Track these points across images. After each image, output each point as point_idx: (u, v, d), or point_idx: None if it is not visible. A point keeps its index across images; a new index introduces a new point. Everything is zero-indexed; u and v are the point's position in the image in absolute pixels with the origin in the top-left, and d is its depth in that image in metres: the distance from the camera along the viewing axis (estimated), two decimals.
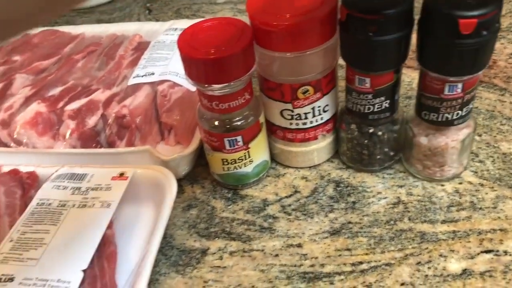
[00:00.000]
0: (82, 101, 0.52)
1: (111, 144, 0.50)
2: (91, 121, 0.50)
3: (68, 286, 0.36)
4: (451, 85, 0.39)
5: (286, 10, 0.40)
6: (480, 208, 0.44)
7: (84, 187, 0.44)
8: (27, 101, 0.53)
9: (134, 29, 0.66)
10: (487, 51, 0.36)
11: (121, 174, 0.45)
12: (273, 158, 0.51)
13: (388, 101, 0.42)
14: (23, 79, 0.58)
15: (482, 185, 0.46)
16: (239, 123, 0.44)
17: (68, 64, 0.58)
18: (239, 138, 0.44)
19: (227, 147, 0.45)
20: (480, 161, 0.48)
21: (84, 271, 0.37)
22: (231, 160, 0.46)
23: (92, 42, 0.64)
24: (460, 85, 0.39)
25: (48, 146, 0.51)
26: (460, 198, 0.45)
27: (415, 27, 0.39)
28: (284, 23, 0.39)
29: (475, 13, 0.34)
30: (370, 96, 0.42)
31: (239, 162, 0.46)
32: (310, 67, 0.42)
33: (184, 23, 0.64)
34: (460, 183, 0.46)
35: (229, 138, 0.44)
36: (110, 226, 0.41)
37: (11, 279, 0.36)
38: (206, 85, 0.41)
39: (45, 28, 0.69)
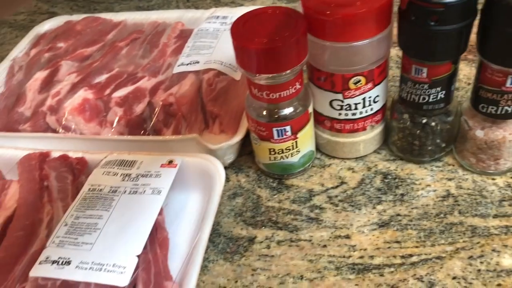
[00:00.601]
0: (129, 88, 0.52)
1: (157, 132, 0.51)
2: (138, 108, 0.51)
3: (123, 271, 0.36)
4: None
5: None
6: None
7: (134, 174, 0.44)
8: (74, 87, 0.54)
9: (176, 16, 0.66)
10: None
11: (170, 162, 0.45)
12: (319, 148, 0.51)
13: (444, 91, 0.42)
14: (69, 66, 0.58)
15: None
16: (288, 112, 0.44)
17: (112, 51, 0.59)
18: (287, 128, 0.44)
19: (275, 136, 0.45)
20: None
21: (138, 256, 0.37)
22: (278, 150, 0.46)
23: (134, 29, 0.64)
24: None
25: (95, 132, 0.51)
26: None
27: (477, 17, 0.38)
28: (340, 12, 0.38)
29: None
30: (426, 86, 0.41)
31: (286, 152, 0.46)
32: (364, 57, 0.41)
33: (226, 11, 0.64)
34: None
35: (278, 128, 0.44)
36: (161, 212, 0.42)
37: (68, 262, 0.37)
38: (257, 75, 0.41)
39: (87, 15, 0.70)
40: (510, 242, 0.40)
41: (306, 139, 0.47)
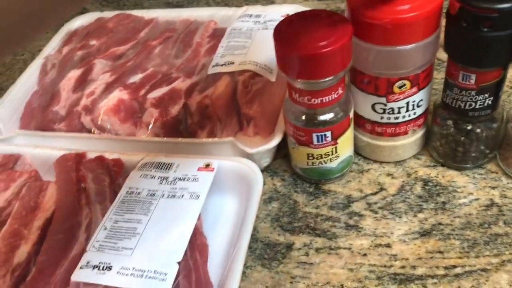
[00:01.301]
0: (164, 89, 0.52)
1: (192, 134, 0.50)
2: (174, 110, 0.50)
3: (164, 278, 0.36)
4: None
5: (388, 1, 0.38)
6: None
7: (171, 177, 0.44)
8: (109, 87, 0.54)
9: (208, 14, 0.65)
10: None
11: (207, 165, 0.45)
12: (357, 150, 0.50)
13: (491, 98, 0.40)
14: (102, 65, 0.58)
15: None
16: (329, 118, 0.43)
17: (145, 50, 0.59)
18: (328, 133, 0.43)
19: (315, 142, 0.44)
20: None
21: (179, 263, 0.37)
22: (317, 155, 0.45)
23: (166, 27, 0.64)
24: None
25: (130, 133, 0.51)
26: None
27: None
28: (388, 16, 0.37)
29: None
30: (473, 93, 0.40)
31: (325, 157, 0.45)
32: (411, 61, 0.40)
33: (259, 9, 0.63)
34: None
35: (318, 134, 0.43)
36: (198, 218, 0.41)
37: (109, 268, 0.37)
38: (298, 80, 0.40)
39: (118, 11, 0.69)
40: None
41: (346, 144, 0.46)
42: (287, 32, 0.39)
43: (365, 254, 0.42)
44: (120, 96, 0.52)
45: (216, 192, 0.45)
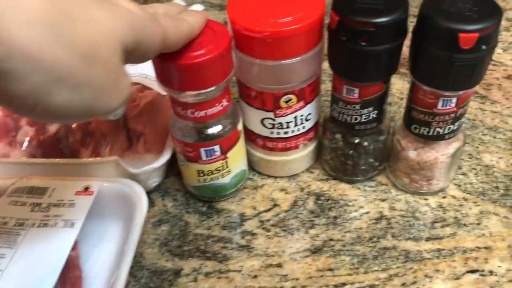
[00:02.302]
0: None
1: (74, 152, 0.46)
2: (52, 127, 0.46)
3: None
4: (445, 99, 0.37)
5: (270, 14, 0.37)
6: (464, 225, 0.42)
7: (45, 203, 0.40)
8: None
9: None
10: (484, 66, 0.35)
11: (86, 188, 0.41)
12: (251, 166, 0.48)
13: (376, 111, 0.40)
14: None
15: (465, 199, 0.44)
16: (216, 131, 0.41)
17: None
18: (216, 147, 0.41)
19: (204, 157, 0.42)
20: (463, 174, 0.47)
21: None
22: (207, 171, 0.43)
23: None
24: (454, 100, 0.37)
25: (3, 154, 0.46)
26: (444, 213, 0.43)
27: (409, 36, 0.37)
28: (268, 29, 0.36)
29: (476, 27, 0.32)
30: (358, 107, 0.40)
31: (216, 173, 0.43)
32: (294, 75, 0.39)
33: None
34: (444, 197, 0.45)
35: (206, 148, 0.41)
36: (74, 247, 0.38)
37: None
38: (179, 92, 0.37)
39: None
40: (441, 266, 0.40)
41: (237, 158, 0.44)
42: None
43: (255, 276, 0.40)
44: None
45: (98, 217, 0.42)
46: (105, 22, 0.24)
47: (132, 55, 0.27)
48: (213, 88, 0.37)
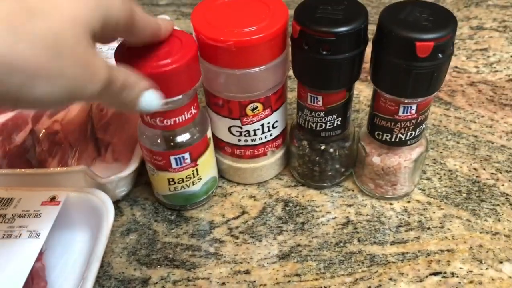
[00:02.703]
0: (8, 115, 0.47)
1: (42, 163, 0.46)
2: (19, 137, 0.46)
3: None
4: (406, 106, 0.38)
5: (233, 24, 0.37)
6: (428, 228, 0.43)
7: (9, 214, 0.39)
8: None
9: None
10: (442, 73, 0.36)
11: (52, 198, 0.41)
12: (221, 173, 0.48)
13: (340, 118, 0.41)
14: None
15: (429, 203, 0.46)
16: (185, 139, 0.41)
17: None
18: (186, 155, 0.41)
19: (174, 165, 0.42)
20: (428, 178, 0.48)
21: None
22: (178, 179, 0.43)
23: None
24: (414, 107, 0.38)
25: None
26: (408, 217, 0.44)
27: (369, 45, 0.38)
28: (232, 38, 0.36)
29: (432, 36, 0.33)
30: (322, 114, 0.40)
31: (187, 180, 0.43)
32: (259, 84, 0.40)
33: None
34: (408, 202, 0.46)
35: (176, 156, 0.41)
36: (39, 258, 0.38)
37: None
38: None
39: None
40: (405, 269, 0.40)
41: (207, 166, 0.44)
42: (129, 52, 0.37)
43: (223, 283, 0.40)
44: None
45: (65, 228, 0.41)
46: (67, 9, 0.25)
47: (101, 34, 0.27)
48: (179, 96, 0.38)
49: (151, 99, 0.32)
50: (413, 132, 0.40)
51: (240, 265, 0.41)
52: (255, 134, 0.44)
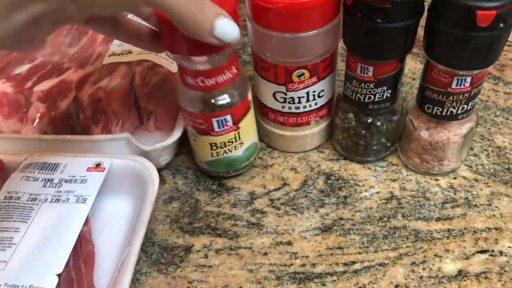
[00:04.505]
0: (53, 81, 0.47)
1: (85, 129, 0.46)
2: (63, 104, 0.46)
3: None
4: (460, 78, 0.36)
5: None
6: (475, 205, 0.42)
7: (57, 179, 0.40)
8: None
9: None
10: (501, 44, 0.34)
11: (98, 165, 0.41)
12: (263, 139, 0.48)
13: (390, 90, 0.40)
14: None
15: (476, 180, 0.44)
16: (225, 101, 0.40)
17: None
18: (228, 117, 0.41)
19: (216, 128, 0.41)
20: (475, 155, 0.46)
21: (59, 275, 0.34)
22: (220, 143, 0.43)
23: None
24: (469, 79, 0.36)
25: (14, 130, 0.46)
26: (454, 194, 0.43)
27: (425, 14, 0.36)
28: (283, 0, 0.35)
29: (494, 4, 0.31)
30: (371, 85, 0.39)
31: (229, 145, 0.43)
32: (308, 49, 0.39)
33: None
34: (455, 178, 0.45)
35: (218, 118, 0.41)
36: (86, 222, 0.38)
37: None
38: (188, 58, 0.37)
39: None
40: (451, 246, 0.40)
41: (249, 130, 0.44)
42: None
43: (265, 253, 0.40)
44: (3, 88, 0.47)
45: (109, 194, 0.42)
46: None
47: None
48: (219, 53, 0.36)
49: (227, 25, 0.31)
50: (465, 106, 0.39)
51: (282, 236, 0.41)
52: (299, 102, 0.43)
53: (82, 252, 0.36)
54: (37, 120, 0.45)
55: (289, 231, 0.42)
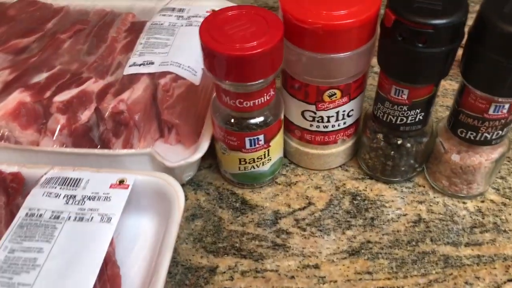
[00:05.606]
0: (73, 91, 0.46)
1: (105, 142, 0.45)
2: (84, 116, 0.45)
3: None
4: (498, 105, 0.36)
5: (323, 5, 0.35)
6: (504, 231, 0.42)
7: (79, 196, 0.39)
8: (7, 87, 0.47)
9: (126, 5, 0.59)
10: None
11: (121, 181, 0.40)
12: (286, 155, 0.47)
13: (423, 113, 0.39)
14: (1, 60, 0.51)
15: (504, 204, 0.44)
16: (261, 121, 0.40)
17: (53, 44, 0.52)
18: (261, 137, 0.40)
19: (248, 146, 0.41)
20: (502, 177, 0.46)
21: None
22: (249, 159, 0.42)
23: (79, 18, 0.57)
24: (507, 106, 0.36)
25: (32, 141, 0.45)
26: (483, 218, 0.43)
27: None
28: (320, 21, 0.35)
29: None
30: (405, 108, 0.38)
31: (258, 161, 0.42)
32: (342, 70, 0.38)
33: (183, 3, 0.58)
34: (482, 201, 0.44)
35: (251, 138, 0.40)
36: (111, 243, 0.37)
37: None
38: (228, 82, 0.36)
39: None
40: (482, 273, 0.39)
41: (278, 147, 0.44)
42: (215, 29, 0.35)
43: (292, 277, 0.39)
44: (20, 98, 0.45)
45: (132, 212, 0.41)
46: None
47: None
48: (261, 80, 0.36)
49: None
50: (500, 132, 0.38)
51: (309, 258, 0.40)
52: (328, 121, 0.42)
53: (108, 275, 0.35)
54: (57, 132, 0.44)
55: (316, 254, 0.41)
